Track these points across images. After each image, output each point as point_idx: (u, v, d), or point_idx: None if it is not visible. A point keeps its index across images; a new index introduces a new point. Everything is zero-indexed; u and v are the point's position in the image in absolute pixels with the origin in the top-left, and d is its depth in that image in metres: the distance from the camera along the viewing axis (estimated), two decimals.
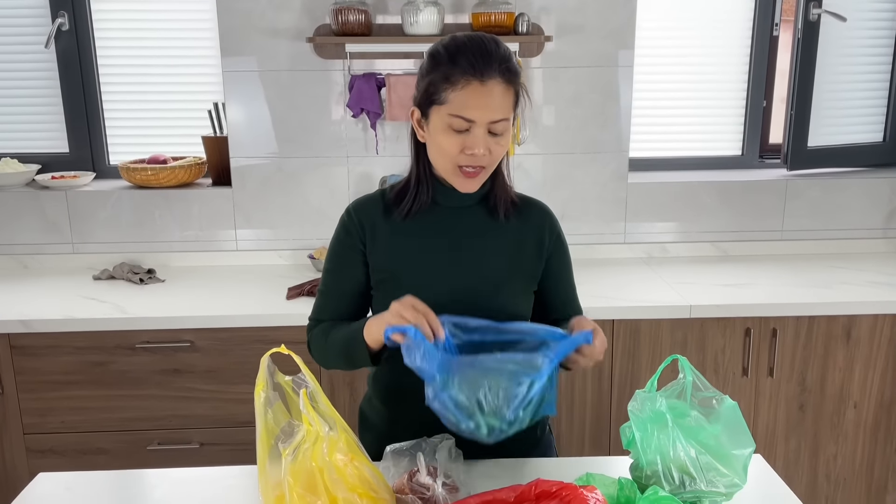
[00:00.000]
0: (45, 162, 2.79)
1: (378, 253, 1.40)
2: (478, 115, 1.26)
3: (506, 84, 1.27)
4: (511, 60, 1.29)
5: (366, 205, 1.43)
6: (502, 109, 1.27)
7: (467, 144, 1.28)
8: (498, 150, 1.30)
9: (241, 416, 2.27)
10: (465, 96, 1.25)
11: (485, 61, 1.25)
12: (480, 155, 1.28)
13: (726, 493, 1.16)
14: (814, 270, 2.60)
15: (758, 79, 2.85)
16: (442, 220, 1.40)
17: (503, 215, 1.41)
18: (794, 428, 2.38)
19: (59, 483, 1.35)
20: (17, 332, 2.18)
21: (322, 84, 2.61)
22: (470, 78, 1.25)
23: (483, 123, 1.26)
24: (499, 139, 1.30)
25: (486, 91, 1.25)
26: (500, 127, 1.28)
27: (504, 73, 1.26)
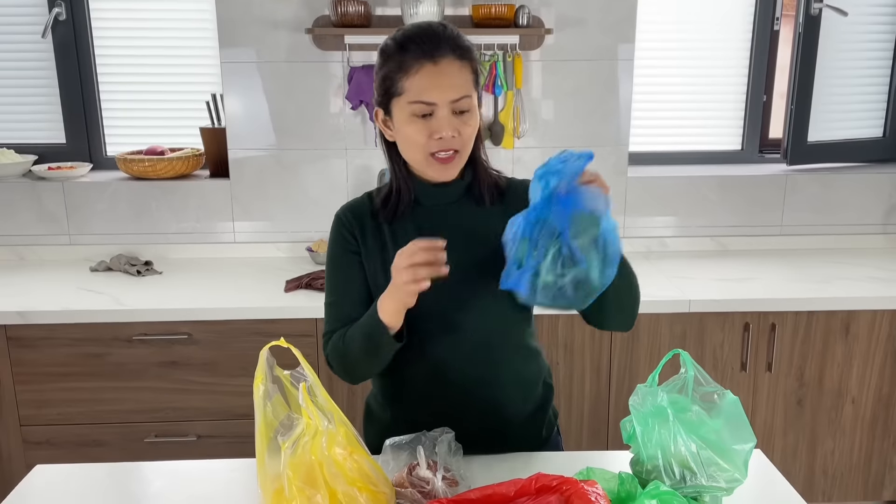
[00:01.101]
0: (42, 153, 2.77)
1: (369, 261, 1.37)
2: (437, 96, 1.24)
3: (460, 60, 1.26)
4: (461, 39, 1.28)
5: (355, 210, 1.40)
6: (461, 87, 1.25)
7: (433, 129, 1.25)
8: (467, 130, 1.28)
9: (238, 409, 2.27)
10: (421, 80, 1.24)
11: (433, 42, 1.25)
12: (449, 138, 1.26)
13: (727, 487, 1.16)
14: (813, 265, 2.60)
15: (758, 73, 2.84)
16: (427, 221, 1.36)
17: (489, 201, 1.37)
18: (792, 423, 2.38)
19: (56, 475, 1.35)
20: (14, 324, 2.17)
21: (321, 75, 2.59)
22: (422, 61, 1.24)
23: (445, 104, 1.25)
24: (465, 118, 1.27)
25: (440, 71, 1.24)
26: (462, 104, 1.26)
27: (455, 51, 1.25)
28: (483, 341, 1.36)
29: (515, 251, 1.14)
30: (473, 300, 1.34)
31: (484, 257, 1.35)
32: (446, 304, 1.34)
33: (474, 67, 1.29)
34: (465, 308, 1.34)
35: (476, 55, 1.31)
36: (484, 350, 1.36)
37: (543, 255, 1.10)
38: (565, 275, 1.09)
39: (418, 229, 1.35)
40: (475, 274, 1.34)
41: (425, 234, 1.33)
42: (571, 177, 1.09)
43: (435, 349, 1.35)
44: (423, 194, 1.37)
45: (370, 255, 1.37)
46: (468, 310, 1.34)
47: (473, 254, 1.35)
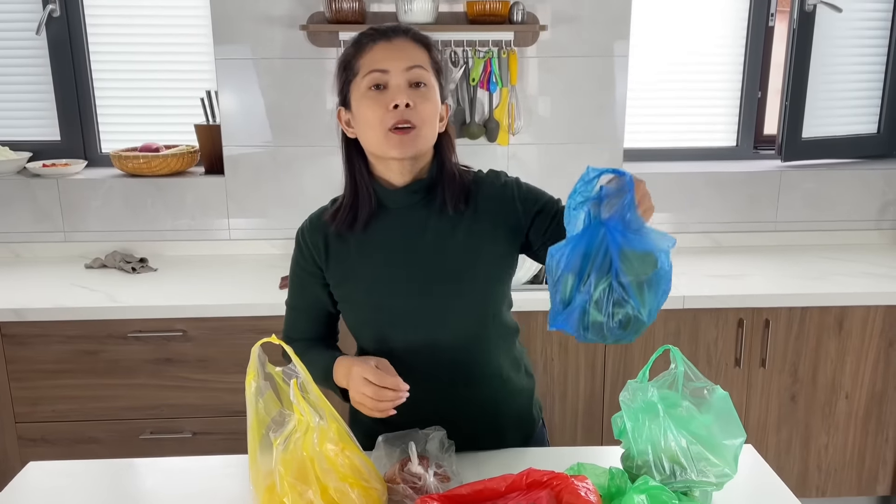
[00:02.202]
0: (37, 150, 2.77)
1: (334, 272, 1.36)
2: (390, 64, 1.25)
3: (414, 42, 1.28)
4: (418, 31, 1.30)
5: (318, 222, 1.38)
6: (416, 59, 1.26)
7: (388, 100, 1.24)
8: (424, 106, 1.25)
9: (233, 406, 2.27)
10: (374, 54, 1.26)
11: (390, 28, 1.29)
12: (404, 107, 1.23)
13: (717, 482, 1.16)
14: (807, 262, 2.61)
15: (753, 69, 2.84)
16: (394, 226, 1.33)
17: (452, 208, 1.32)
18: (785, 418, 2.39)
19: (49, 472, 1.35)
20: (9, 321, 2.17)
21: (316, 72, 2.59)
22: (377, 39, 1.27)
23: (398, 71, 1.25)
24: (422, 93, 1.26)
25: (395, 46, 1.26)
26: (416, 74, 1.25)
27: (409, 33, 1.29)
28: (460, 346, 1.35)
29: (560, 288, 1.05)
30: (444, 309, 1.32)
31: (446, 263, 1.33)
32: (418, 316, 1.33)
33: (433, 56, 1.30)
34: (436, 317, 1.33)
35: (437, 49, 1.32)
36: (462, 353, 1.35)
37: (591, 291, 1.03)
38: (615, 314, 1.02)
39: (385, 237, 1.33)
40: (443, 281, 1.32)
41: (392, 242, 1.33)
42: (622, 207, 1.01)
43: (414, 359, 1.34)
44: (386, 198, 1.34)
45: (334, 266, 1.35)
46: (440, 318, 1.33)
47: (435, 260, 1.33)
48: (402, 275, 1.33)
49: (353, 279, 1.35)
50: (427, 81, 1.27)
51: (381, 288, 1.33)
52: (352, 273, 1.35)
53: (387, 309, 1.34)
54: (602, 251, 1.02)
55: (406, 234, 1.33)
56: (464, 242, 1.33)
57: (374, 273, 1.34)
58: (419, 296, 1.32)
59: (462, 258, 1.32)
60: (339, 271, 1.35)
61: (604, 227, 1.01)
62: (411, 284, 1.33)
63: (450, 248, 1.32)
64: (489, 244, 1.33)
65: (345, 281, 1.36)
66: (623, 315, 1.02)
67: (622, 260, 1.01)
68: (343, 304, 1.38)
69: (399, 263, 1.33)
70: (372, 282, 1.34)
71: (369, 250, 1.34)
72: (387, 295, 1.33)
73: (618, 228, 1.01)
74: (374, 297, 1.34)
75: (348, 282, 1.35)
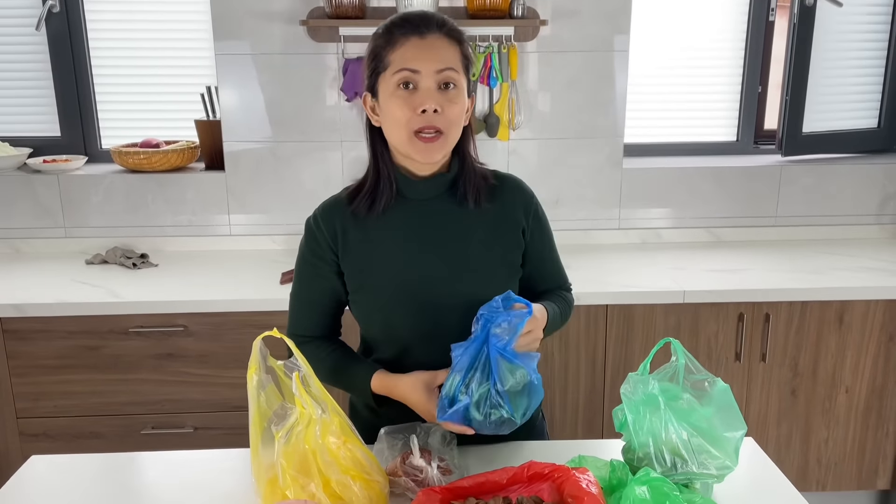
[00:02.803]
0: (37, 146, 2.77)
1: (350, 259, 1.35)
2: (421, 64, 1.23)
3: (448, 39, 1.26)
4: (453, 23, 1.28)
5: (332, 209, 1.36)
6: (447, 59, 1.25)
7: (417, 103, 1.23)
8: (452, 109, 1.25)
9: (234, 401, 2.27)
10: (406, 51, 1.24)
11: (423, 20, 1.25)
12: (432, 112, 1.23)
13: (717, 475, 1.17)
14: (807, 256, 2.61)
15: (753, 64, 2.84)
16: (411, 215, 1.34)
17: (473, 203, 1.34)
18: (785, 412, 2.39)
19: (51, 465, 1.35)
20: (10, 317, 2.18)
21: (316, 68, 2.59)
22: (409, 34, 1.24)
23: (429, 73, 1.23)
24: (451, 95, 1.25)
25: (428, 44, 1.24)
26: (448, 76, 1.24)
27: (443, 28, 1.26)
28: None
29: (449, 384, 1.23)
30: (458, 302, 1.32)
31: (464, 256, 1.34)
32: (432, 304, 1.33)
33: (464, 52, 1.28)
34: (449, 307, 1.32)
35: (467, 43, 1.30)
36: None
37: (473, 395, 1.20)
38: (491, 415, 1.20)
39: (404, 226, 1.34)
40: (460, 272, 1.33)
41: (411, 231, 1.33)
42: (513, 332, 1.19)
43: (421, 354, 1.34)
44: (407, 188, 1.34)
45: (351, 253, 1.35)
46: (453, 309, 1.32)
47: (453, 252, 1.33)
48: (420, 262, 1.33)
49: (370, 263, 1.34)
50: (457, 83, 1.26)
51: (395, 277, 1.33)
52: (368, 258, 1.34)
53: (401, 295, 1.33)
54: (485, 361, 1.21)
55: (426, 224, 1.34)
56: (485, 237, 1.35)
57: (391, 258, 1.34)
58: (435, 285, 1.33)
59: (482, 252, 1.35)
60: (354, 256, 1.34)
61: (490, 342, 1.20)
62: (428, 273, 1.33)
63: (471, 241, 1.34)
64: (507, 245, 1.37)
65: (360, 266, 1.34)
66: (498, 416, 1.20)
67: (501, 374, 1.20)
68: (355, 292, 1.36)
69: (417, 251, 1.33)
70: (388, 267, 1.33)
71: (388, 237, 1.34)
72: (403, 281, 1.33)
73: (499, 347, 1.20)
74: (390, 282, 1.33)
75: (364, 266, 1.34)
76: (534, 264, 1.43)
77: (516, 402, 1.21)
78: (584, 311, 2.26)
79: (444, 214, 1.35)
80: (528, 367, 1.21)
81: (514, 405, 1.20)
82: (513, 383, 1.20)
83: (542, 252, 1.44)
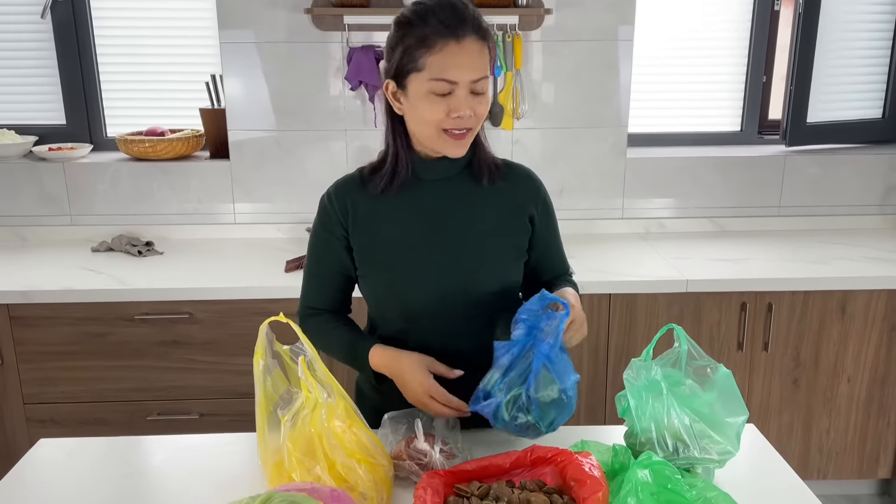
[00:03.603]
0: (43, 134, 2.78)
1: (361, 236, 1.37)
2: (459, 75, 1.24)
3: (481, 41, 1.26)
4: (482, 19, 1.28)
5: (345, 187, 1.40)
6: (482, 67, 1.26)
7: (452, 107, 1.25)
8: (481, 109, 1.29)
9: (240, 388, 2.29)
10: (444, 58, 1.23)
11: (458, 20, 1.24)
12: (467, 117, 1.27)
13: (719, 460, 1.18)
14: (810, 246, 2.61)
15: (758, 54, 2.84)
16: (424, 195, 1.37)
17: (487, 180, 1.38)
18: (787, 402, 2.40)
19: (59, 449, 1.37)
20: (17, 303, 2.19)
21: (320, 56, 2.59)
22: (447, 38, 1.23)
23: (465, 84, 1.25)
24: (481, 98, 1.28)
25: (464, 50, 1.24)
26: (481, 85, 1.27)
27: (478, 31, 1.26)
28: (473, 316, 1.36)
29: (488, 379, 1.26)
30: (462, 283, 1.35)
31: (475, 234, 1.37)
32: (439, 282, 1.35)
33: (491, 48, 1.30)
34: (457, 286, 1.35)
35: (493, 36, 1.33)
36: (475, 323, 1.36)
37: (506, 395, 1.23)
38: (518, 418, 1.23)
39: (416, 205, 1.36)
40: (468, 251, 1.36)
41: (422, 211, 1.35)
42: (555, 334, 1.22)
43: (424, 333, 1.37)
44: (423, 169, 1.37)
45: (360, 229, 1.37)
46: (457, 293, 1.35)
47: (464, 230, 1.37)
48: (429, 242, 1.36)
49: (379, 240, 1.37)
50: (488, 84, 1.29)
51: (405, 251, 1.36)
52: (377, 234, 1.37)
53: (407, 273, 1.36)
54: (524, 364, 1.24)
55: (437, 203, 1.37)
56: (494, 217, 1.38)
57: (400, 237, 1.36)
58: (443, 263, 1.36)
59: (489, 232, 1.38)
60: (364, 232, 1.37)
61: (534, 347, 1.23)
62: (435, 253, 1.36)
63: (479, 221, 1.37)
64: (516, 227, 1.40)
65: (369, 241, 1.37)
66: (524, 421, 1.23)
67: (536, 380, 1.22)
68: (363, 266, 1.39)
69: (427, 231, 1.36)
70: (397, 245, 1.36)
71: (399, 216, 1.37)
72: (410, 260, 1.36)
73: (543, 352, 1.22)
74: (398, 259, 1.36)
75: (373, 243, 1.37)
76: (540, 251, 1.45)
77: (545, 412, 1.23)
78: (588, 300, 2.27)
79: (456, 196, 1.38)
80: (564, 384, 1.22)
81: (542, 413, 1.22)
82: (544, 393, 1.22)
83: (548, 240, 1.46)
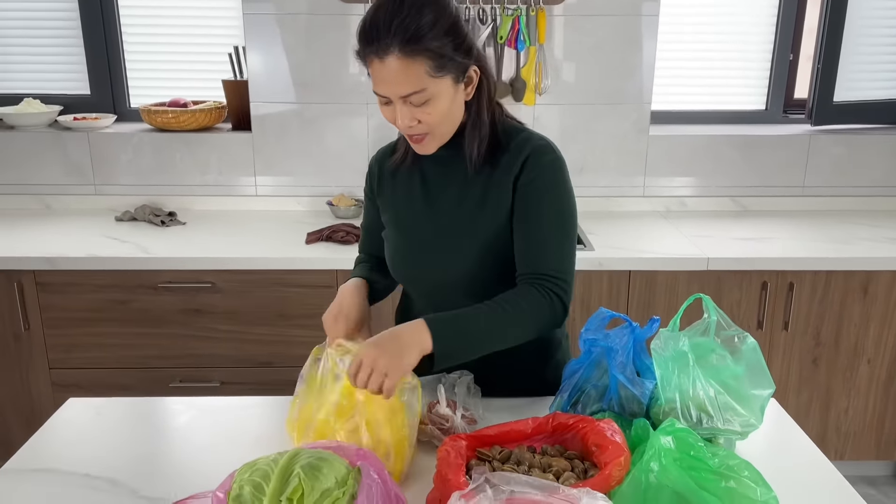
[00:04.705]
0: (67, 103, 2.80)
1: (381, 202, 1.46)
2: (386, 90, 1.21)
3: (406, 57, 1.16)
4: (410, 28, 1.15)
5: (382, 153, 1.48)
6: (407, 83, 1.19)
7: (393, 116, 1.25)
8: (429, 117, 1.23)
9: (260, 357, 2.32)
10: (374, 73, 1.21)
11: (377, 34, 1.17)
12: (406, 127, 1.25)
13: (742, 432, 1.18)
14: (834, 226, 2.59)
15: (785, 32, 2.80)
16: (425, 171, 1.39)
17: (472, 168, 1.32)
18: (806, 381, 2.39)
19: (88, 407, 1.39)
20: (43, 269, 2.22)
21: (343, 29, 2.58)
22: (371, 56, 1.20)
23: (396, 97, 1.21)
24: (426, 108, 1.22)
25: (387, 67, 1.18)
26: (415, 99, 1.20)
27: (402, 46, 1.16)
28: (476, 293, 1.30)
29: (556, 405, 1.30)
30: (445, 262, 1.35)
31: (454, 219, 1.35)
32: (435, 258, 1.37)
33: (430, 58, 1.18)
34: (437, 271, 1.37)
35: (431, 47, 1.17)
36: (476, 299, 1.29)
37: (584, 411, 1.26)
38: None
39: (414, 183, 1.40)
40: (447, 233, 1.35)
41: (417, 189, 1.39)
42: (626, 353, 1.24)
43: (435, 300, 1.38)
44: None
45: (381, 197, 1.46)
46: (440, 272, 1.37)
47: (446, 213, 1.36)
48: (420, 217, 1.39)
49: (390, 212, 1.44)
50: (429, 95, 1.21)
51: (402, 227, 1.42)
52: (390, 206, 1.44)
53: (400, 249, 1.42)
54: (602, 386, 1.26)
55: (430, 182, 1.39)
56: (471, 202, 1.34)
57: (399, 213, 1.42)
58: (428, 243, 1.38)
59: (464, 217, 1.34)
60: (382, 201, 1.45)
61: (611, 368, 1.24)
62: (423, 231, 1.38)
63: (459, 205, 1.35)
64: (495, 211, 1.32)
65: (384, 212, 1.45)
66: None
67: (619, 395, 1.24)
68: (388, 229, 1.46)
69: (419, 206, 1.39)
70: (396, 220, 1.42)
71: (401, 193, 1.42)
72: (404, 235, 1.41)
73: (620, 372, 1.23)
74: (396, 235, 1.42)
75: (386, 213, 1.45)
76: (516, 237, 1.32)
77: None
78: (607, 276, 2.27)
79: (446, 174, 1.37)
80: (642, 397, 1.23)
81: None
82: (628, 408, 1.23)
83: (521, 218, 1.31)
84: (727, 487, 0.99)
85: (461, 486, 0.99)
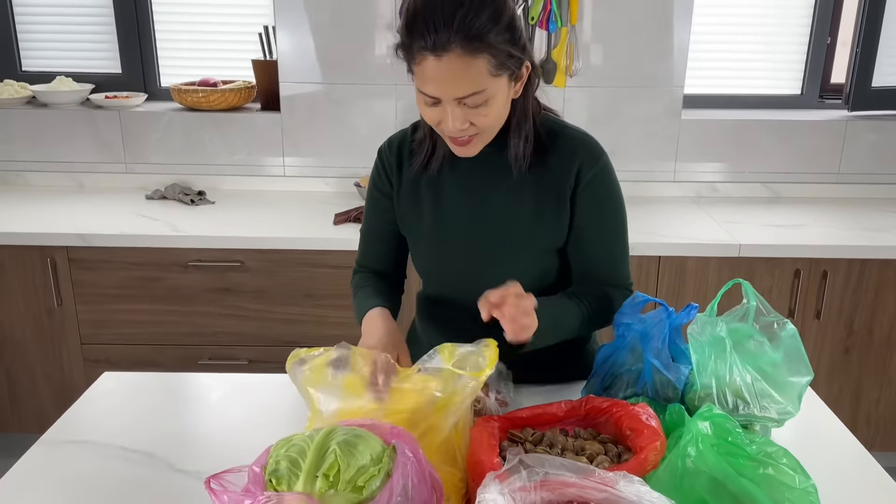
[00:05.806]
0: (99, 82, 2.82)
1: (400, 201, 1.34)
2: (440, 91, 1.10)
3: (469, 54, 1.07)
4: (475, 23, 1.06)
5: (395, 144, 1.34)
6: (468, 84, 1.09)
7: (441, 119, 1.14)
8: (485, 119, 1.14)
9: (287, 336, 2.33)
10: (424, 72, 1.10)
11: (438, 30, 1.06)
12: (458, 130, 1.14)
13: (778, 419, 1.16)
14: (869, 214, 2.54)
15: (823, 15, 2.73)
16: (459, 173, 1.29)
17: (517, 171, 1.25)
18: (837, 371, 2.36)
19: (123, 381, 1.41)
20: (75, 246, 2.25)
21: (372, 8, 2.57)
22: (424, 52, 1.08)
23: (450, 98, 1.11)
24: (482, 109, 1.13)
25: (444, 65, 1.07)
26: (473, 100, 1.11)
27: (464, 43, 1.06)
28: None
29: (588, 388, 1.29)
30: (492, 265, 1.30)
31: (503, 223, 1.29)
32: (465, 269, 1.32)
33: (492, 54, 1.09)
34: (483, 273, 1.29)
35: (495, 41, 1.08)
36: None
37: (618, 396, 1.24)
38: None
39: (450, 182, 1.29)
40: (492, 238, 1.30)
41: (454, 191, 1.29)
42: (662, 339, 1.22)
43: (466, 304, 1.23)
44: None
45: (403, 192, 1.33)
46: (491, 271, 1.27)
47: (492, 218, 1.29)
48: (458, 220, 1.30)
49: (411, 217, 1.34)
50: (488, 95, 1.12)
51: (434, 232, 1.32)
52: (412, 210, 1.33)
53: (434, 250, 1.34)
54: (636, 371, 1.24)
55: (469, 185, 1.29)
56: (523, 205, 1.27)
57: (433, 212, 1.32)
58: (469, 250, 1.30)
59: (516, 220, 1.28)
60: (404, 195, 1.34)
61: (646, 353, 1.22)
62: (464, 236, 1.30)
63: (508, 208, 1.28)
64: (549, 214, 1.28)
65: (404, 216, 1.35)
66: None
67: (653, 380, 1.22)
68: (401, 226, 1.37)
69: (457, 209, 1.30)
70: (426, 223, 1.33)
71: (430, 192, 1.32)
72: (438, 242, 1.33)
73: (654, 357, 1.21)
74: (427, 238, 1.34)
75: (407, 218, 1.35)
76: (574, 244, 1.29)
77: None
78: (636, 262, 2.25)
79: (491, 176, 1.28)
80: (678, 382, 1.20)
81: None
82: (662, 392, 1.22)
83: (582, 226, 1.28)
84: (765, 474, 0.98)
85: (495, 466, 0.99)
